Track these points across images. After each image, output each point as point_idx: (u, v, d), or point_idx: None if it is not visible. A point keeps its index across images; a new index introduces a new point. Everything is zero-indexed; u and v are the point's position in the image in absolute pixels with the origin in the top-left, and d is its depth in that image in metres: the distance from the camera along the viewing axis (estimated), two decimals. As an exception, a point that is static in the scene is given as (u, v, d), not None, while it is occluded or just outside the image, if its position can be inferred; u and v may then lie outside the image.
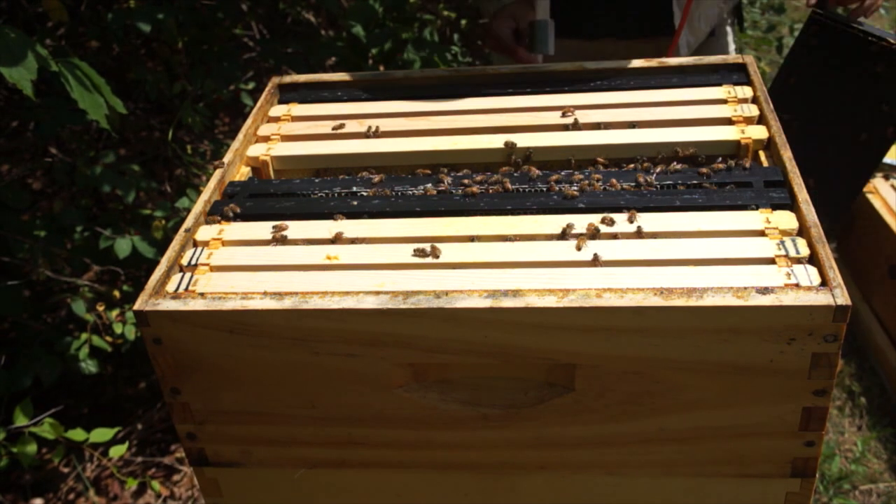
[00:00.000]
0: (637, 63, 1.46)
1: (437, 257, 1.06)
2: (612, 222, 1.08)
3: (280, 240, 1.12)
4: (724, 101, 1.33)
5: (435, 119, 1.37)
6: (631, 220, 1.08)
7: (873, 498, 2.31)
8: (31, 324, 2.34)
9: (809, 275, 0.96)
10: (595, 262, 1.02)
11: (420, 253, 1.06)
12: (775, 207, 1.09)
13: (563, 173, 1.21)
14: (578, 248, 1.04)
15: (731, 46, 2.00)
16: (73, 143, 2.49)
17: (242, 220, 1.19)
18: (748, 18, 3.70)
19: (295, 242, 1.13)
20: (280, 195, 1.24)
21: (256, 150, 1.34)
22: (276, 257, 1.10)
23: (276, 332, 1.01)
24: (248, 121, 1.40)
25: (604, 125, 1.31)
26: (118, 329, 2.26)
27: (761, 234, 1.05)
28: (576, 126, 1.31)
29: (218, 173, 1.28)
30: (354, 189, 1.23)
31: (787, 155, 1.18)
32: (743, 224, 1.06)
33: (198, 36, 2.43)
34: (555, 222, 1.10)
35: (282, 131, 1.38)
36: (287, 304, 0.99)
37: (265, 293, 1.02)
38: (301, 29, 2.87)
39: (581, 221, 1.09)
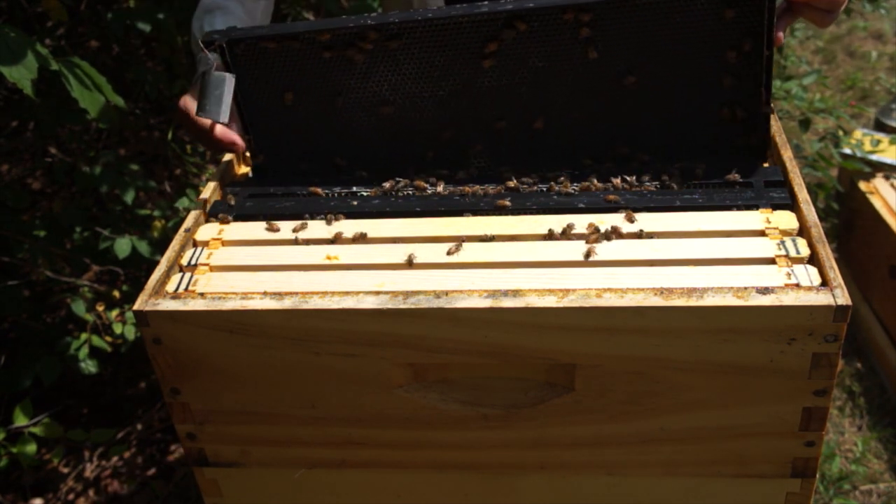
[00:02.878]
0: None
1: (458, 250, 1.06)
2: (617, 228, 1.08)
3: (296, 240, 1.13)
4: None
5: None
6: (630, 220, 1.08)
7: (873, 498, 2.31)
8: (31, 324, 2.34)
9: (809, 275, 0.96)
10: (588, 255, 1.02)
11: (410, 259, 1.06)
12: (775, 207, 1.09)
13: (562, 173, 1.21)
14: (588, 256, 1.04)
15: None
16: (73, 143, 2.49)
17: (242, 220, 1.19)
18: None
19: (296, 242, 1.13)
20: (280, 195, 1.24)
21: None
22: (276, 257, 1.10)
23: (277, 333, 1.01)
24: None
25: None
26: (118, 329, 2.25)
27: (761, 234, 1.05)
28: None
29: (218, 173, 1.28)
30: (354, 189, 1.23)
31: (787, 155, 1.18)
32: (743, 224, 1.06)
33: (198, 36, 2.43)
34: (555, 222, 1.10)
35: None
36: (287, 304, 0.99)
37: (265, 293, 1.02)
38: (301, 29, 2.87)
39: (581, 221, 1.09)
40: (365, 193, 1.22)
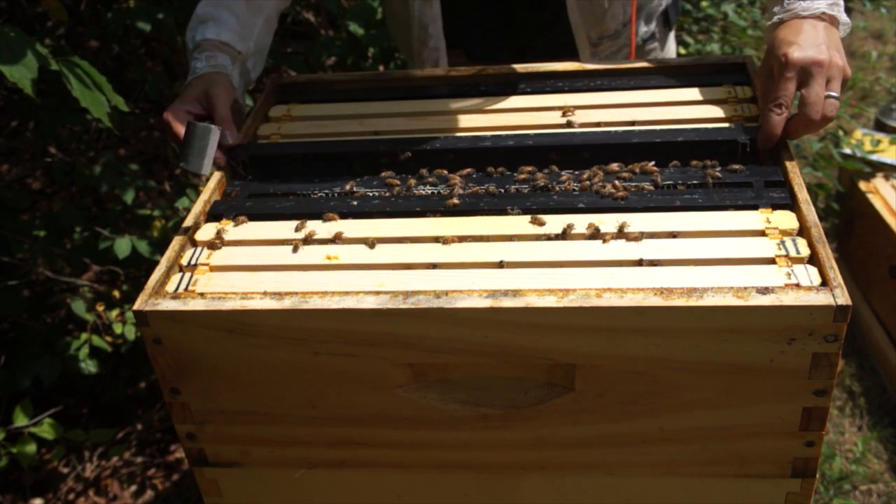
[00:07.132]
0: (638, 63, 1.46)
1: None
2: (617, 227, 1.08)
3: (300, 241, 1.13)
4: (724, 101, 1.33)
5: (434, 119, 1.36)
6: (629, 222, 1.08)
7: (873, 498, 2.31)
8: (31, 324, 2.34)
9: (809, 275, 0.96)
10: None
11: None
12: (775, 207, 1.09)
13: (563, 174, 1.21)
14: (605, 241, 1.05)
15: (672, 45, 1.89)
16: (72, 143, 2.49)
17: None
18: (748, 18, 3.70)
19: (297, 242, 1.13)
20: (280, 195, 1.24)
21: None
22: (276, 257, 1.10)
23: (276, 333, 1.01)
24: (248, 120, 1.40)
25: (604, 124, 1.31)
26: (118, 329, 2.25)
27: (761, 234, 1.05)
28: (570, 126, 1.31)
29: (217, 173, 1.27)
30: (355, 189, 1.23)
31: (787, 155, 1.18)
32: (743, 224, 1.06)
33: (198, 36, 2.43)
34: (555, 222, 1.10)
35: (282, 131, 1.38)
36: (287, 304, 0.99)
37: (265, 293, 1.02)
38: (301, 29, 2.87)
39: (581, 221, 1.09)
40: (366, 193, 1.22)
